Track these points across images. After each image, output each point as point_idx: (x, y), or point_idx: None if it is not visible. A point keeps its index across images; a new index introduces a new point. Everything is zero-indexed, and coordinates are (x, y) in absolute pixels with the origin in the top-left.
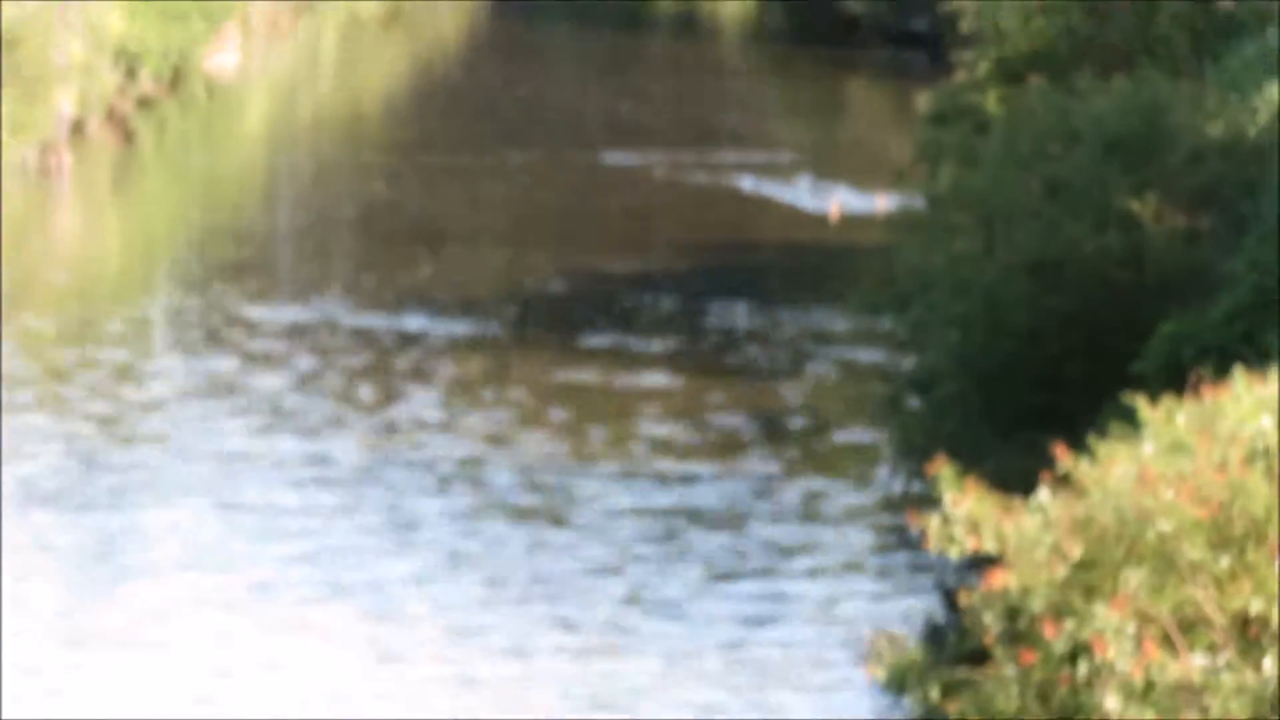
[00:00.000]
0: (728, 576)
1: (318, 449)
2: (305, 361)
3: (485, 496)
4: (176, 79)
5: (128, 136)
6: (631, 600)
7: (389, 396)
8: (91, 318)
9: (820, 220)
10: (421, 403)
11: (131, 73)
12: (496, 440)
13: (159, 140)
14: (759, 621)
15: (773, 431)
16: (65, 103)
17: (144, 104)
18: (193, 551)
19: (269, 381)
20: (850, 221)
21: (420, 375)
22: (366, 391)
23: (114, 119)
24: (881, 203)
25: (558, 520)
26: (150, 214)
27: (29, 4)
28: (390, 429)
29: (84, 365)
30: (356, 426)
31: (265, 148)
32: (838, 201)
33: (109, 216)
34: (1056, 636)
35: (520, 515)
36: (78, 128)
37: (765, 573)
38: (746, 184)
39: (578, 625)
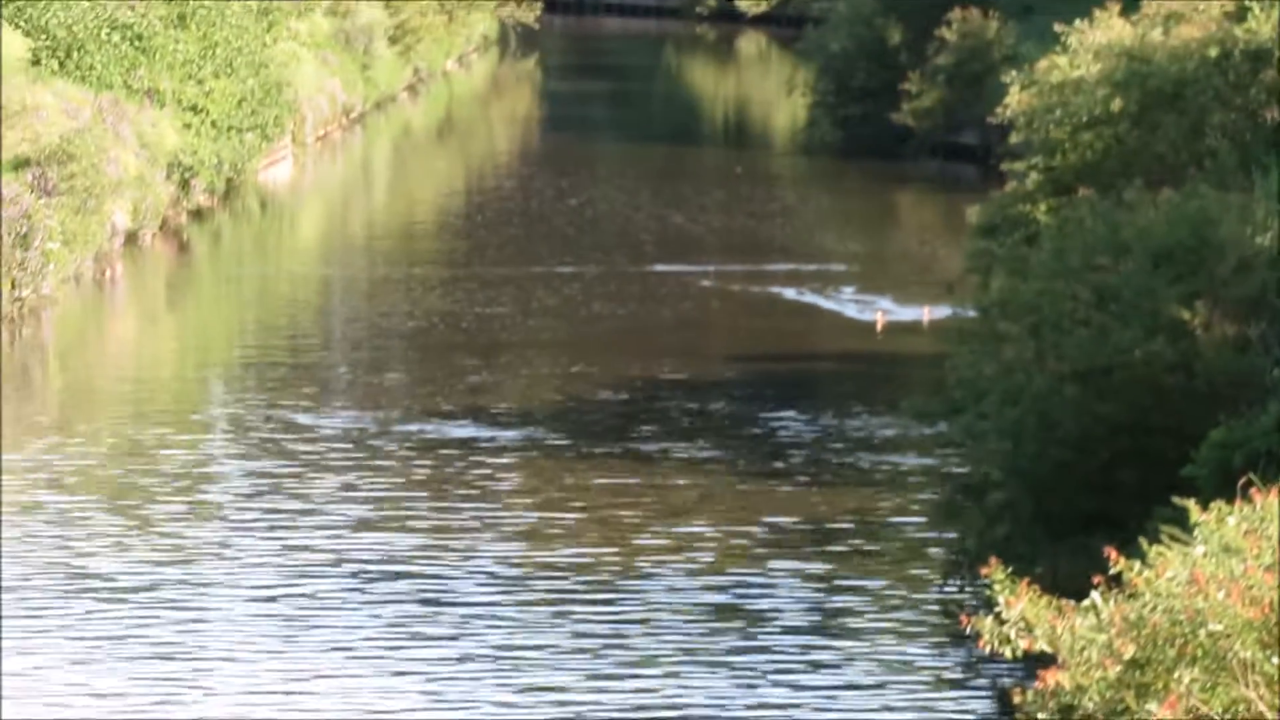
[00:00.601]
0: (780, 674)
1: (369, 551)
2: (359, 469)
3: (537, 594)
4: (230, 191)
5: (181, 248)
6: (679, 699)
7: (444, 501)
8: (144, 425)
9: (867, 329)
10: (475, 508)
11: (185, 185)
12: (549, 540)
13: (212, 251)
14: (811, 715)
15: (825, 534)
16: (119, 215)
17: (197, 216)
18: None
19: (324, 485)
20: (896, 331)
21: (475, 482)
22: (421, 495)
23: (167, 230)
24: (927, 314)
25: (609, 614)
26: (204, 324)
27: (82, 117)
28: (444, 531)
29: (139, 472)
30: (411, 528)
31: (318, 259)
32: (882, 311)
33: (163, 326)
34: None
35: (574, 614)
36: (131, 239)
37: (820, 672)
38: (792, 294)
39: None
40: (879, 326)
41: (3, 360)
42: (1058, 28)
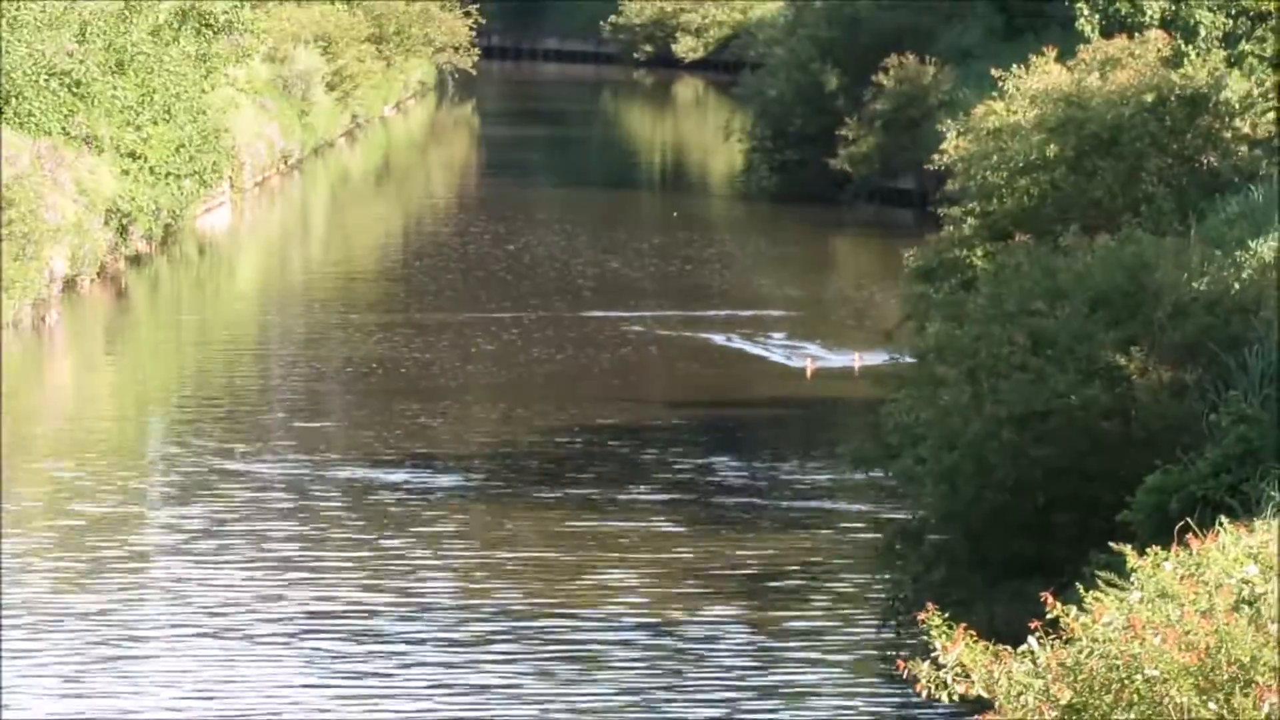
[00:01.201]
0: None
1: (307, 596)
2: (297, 513)
3: (477, 634)
4: (168, 237)
5: (120, 294)
6: None
7: (381, 546)
8: (80, 470)
9: (799, 376)
10: (414, 553)
11: (123, 231)
12: (492, 581)
13: (151, 298)
14: None
15: (761, 579)
16: (57, 261)
17: (136, 262)
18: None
19: (260, 528)
20: (828, 378)
21: (413, 524)
22: (360, 539)
23: (106, 277)
24: (858, 360)
25: (543, 655)
26: (142, 369)
27: (20, 163)
28: (381, 575)
29: (71, 515)
30: (350, 574)
31: (257, 305)
32: (811, 358)
33: (101, 371)
34: None
35: (511, 658)
36: (70, 285)
37: (756, 716)
38: (722, 340)
39: None
40: (809, 373)
41: None
42: (995, 73)
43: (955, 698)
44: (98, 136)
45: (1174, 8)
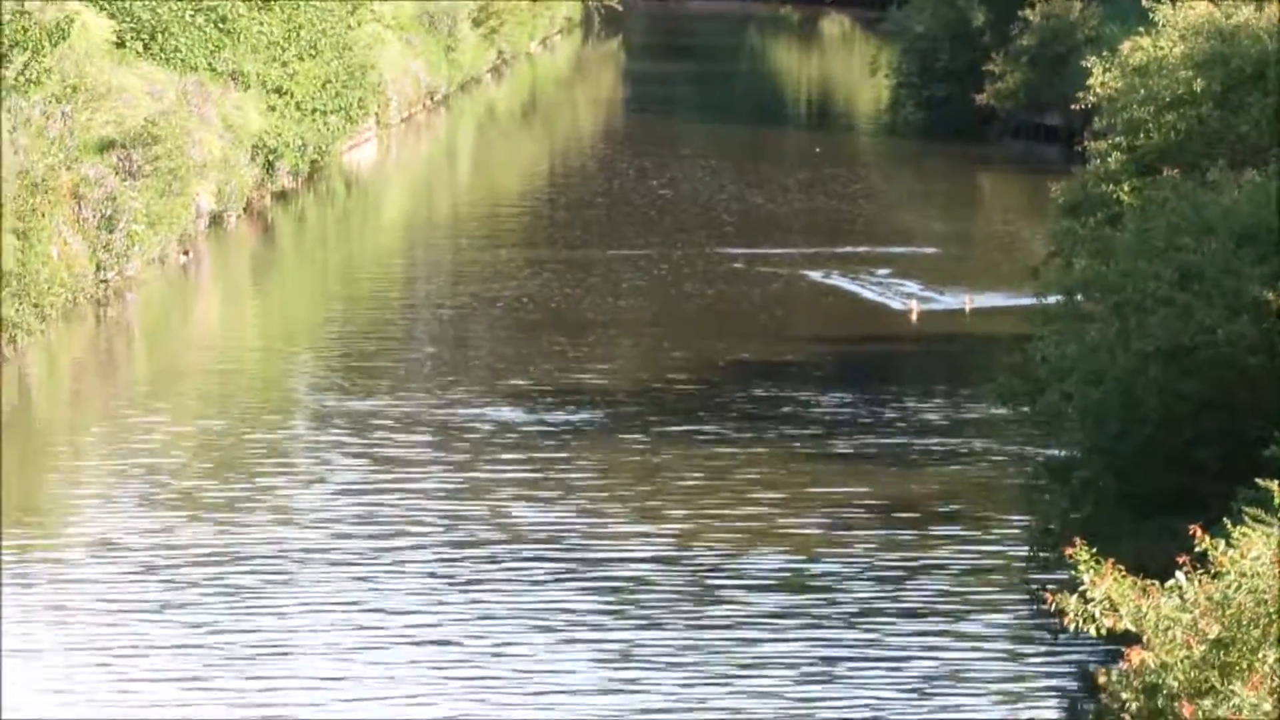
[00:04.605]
0: (862, 652)
1: (445, 538)
2: (446, 451)
3: (628, 579)
4: (314, 173)
5: (265, 230)
6: (768, 673)
7: (528, 486)
8: (226, 408)
9: (948, 318)
10: (559, 492)
11: (269, 167)
12: (640, 516)
13: (296, 233)
14: (900, 701)
15: (908, 514)
16: (203, 197)
17: (281, 198)
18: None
19: (401, 471)
20: (932, 320)
21: (558, 465)
22: (508, 477)
23: (251, 213)
24: (968, 302)
25: (690, 600)
26: (287, 306)
27: (167, 100)
28: (528, 519)
29: (224, 450)
30: (489, 514)
31: (403, 241)
32: (916, 300)
33: (246, 308)
34: (1194, 715)
35: (660, 601)
36: (216, 221)
37: (903, 651)
38: (838, 281)
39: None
40: (914, 316)
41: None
42: (1145, 3)
43: (1103, 632)
44: (244, 72)
45: None
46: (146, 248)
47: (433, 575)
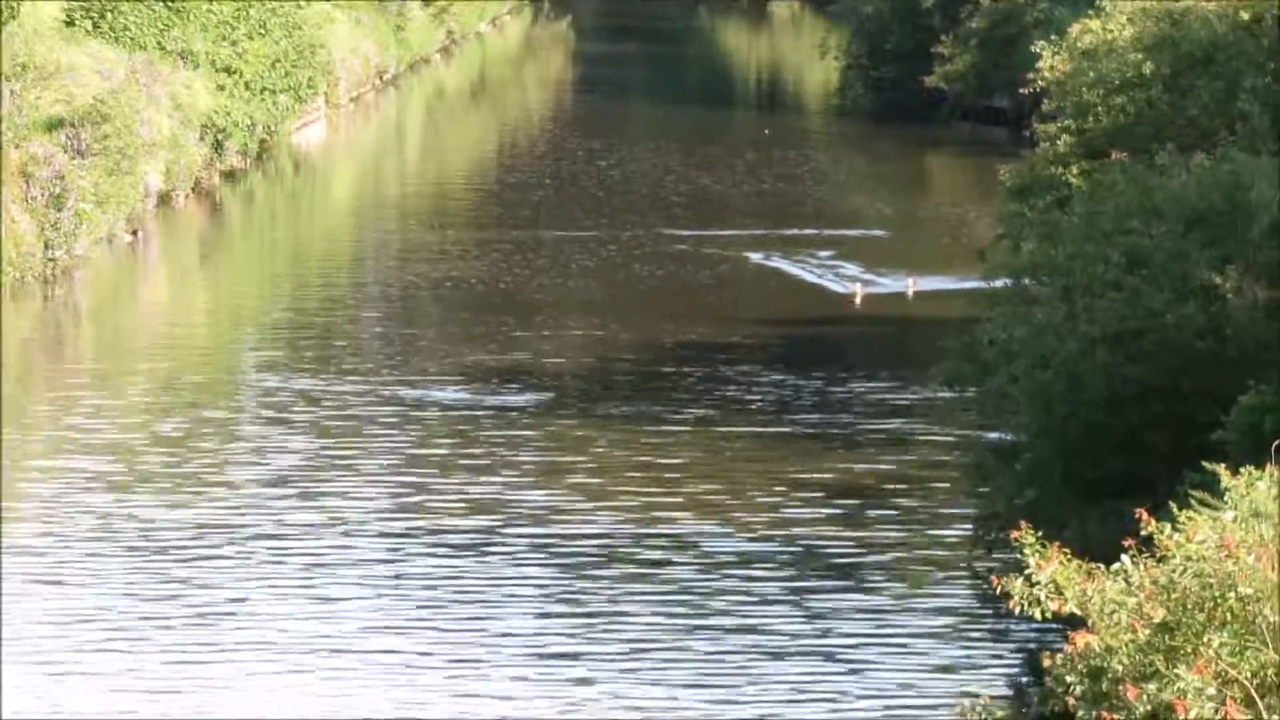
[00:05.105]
0: (807, 636)
1: (395, 520)
2: (386, 432)
3: (577, 558)
4: (263, 153)
5: (214, 209)
6: (711, 653)
7: (474, 466)
8: (173, 386)
9: (896, 298)
10: (505, 473)
11: (218, 146)
12: (586, 495)
13: (245, 213)
14: (843, 681)
15: (855, 496)
16: (152, 176)
17: (230, 177)
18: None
19: (348, 450)
20: (876, 303)
21: (504, 445)
22: (451, 458)
23: (200, 192)
24: (912, 285)
25: (647, 574)
26: (235, 285)
27: (116, 79)
28: (474, 499)
29: (170, 427)
30: (441, 495)
31: (351, 221)
32: (860, 284)
33: (194, 287)
34: (1139, 698)
35: (616, 574)
36: (165, 200)
37: (848, 634)
38: (781, 265)
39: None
40: (858, 300)
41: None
42: None
43: (1048, 615)
44: (193, 51)
45: None
46: (94, 226)
47: (376, 552)
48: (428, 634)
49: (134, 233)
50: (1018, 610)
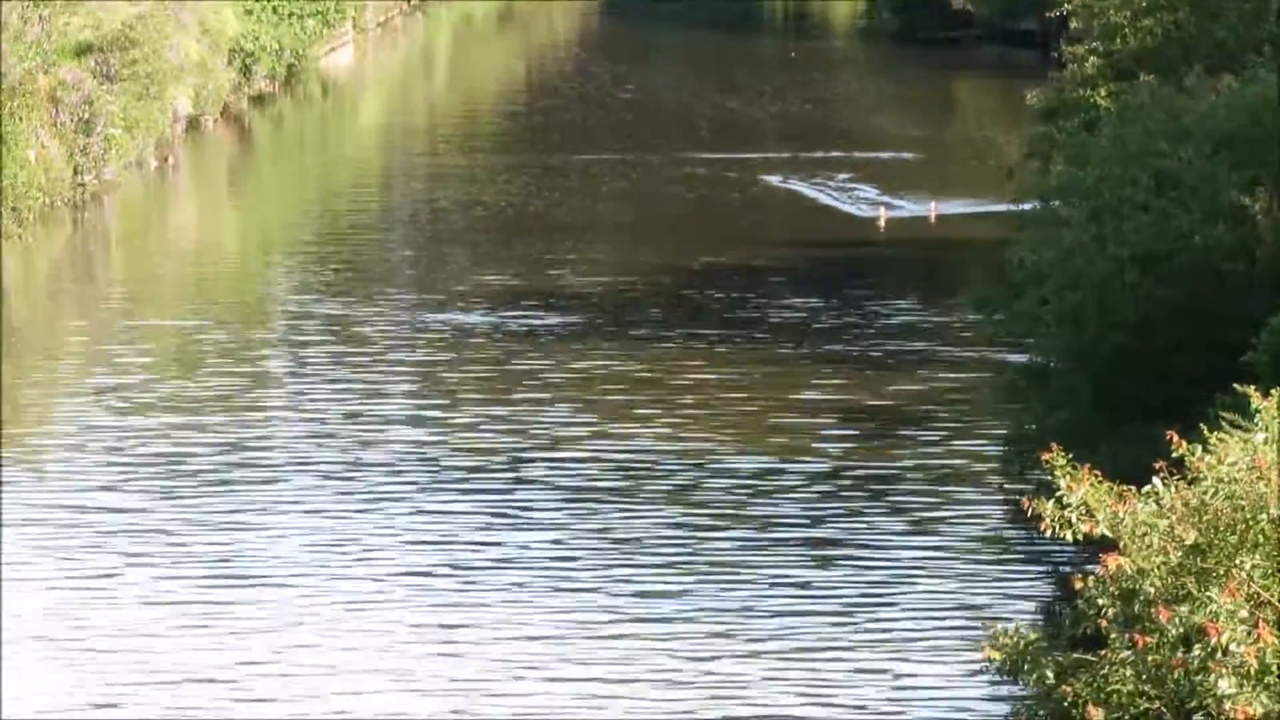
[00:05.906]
0: (836, 557)
1: (421, 439)
2: (417, 355)
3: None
4: (291, 77)
5: (243, 133)
6: (743, 577)
7: (500, 387)
8: (202, 310)
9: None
10: (536, 397)
11: (246, 71)
12: (614, 418)
13: (274, 137)
14: (872, 605)
15: (884, 418)
16: (181, 101)
17: (259, 102)
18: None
19: (378, 374)
20: (900, 226)
21: (536, 366)
22: (484, 378)
23: (229, 116)
24: (933, 209)
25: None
26: (264, 210)
27: (144, 4)
28: (501, 419)
29: (200, 352)
30: (464, 416)
31: (380, 145)
32: (882, 209)
33: (223, 212)
34: (1170, 620)
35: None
36: (193, 125)
37: (877, 554)
38: (801, 188)
39: (690, 594)
40: (881, 224)
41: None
42: None
43: (1080, 537)
44: None
45: None
46: (123, 151)
47: (402, 477)
48: (454, 552)
49: (163, 158)
50: (1049, 533)
